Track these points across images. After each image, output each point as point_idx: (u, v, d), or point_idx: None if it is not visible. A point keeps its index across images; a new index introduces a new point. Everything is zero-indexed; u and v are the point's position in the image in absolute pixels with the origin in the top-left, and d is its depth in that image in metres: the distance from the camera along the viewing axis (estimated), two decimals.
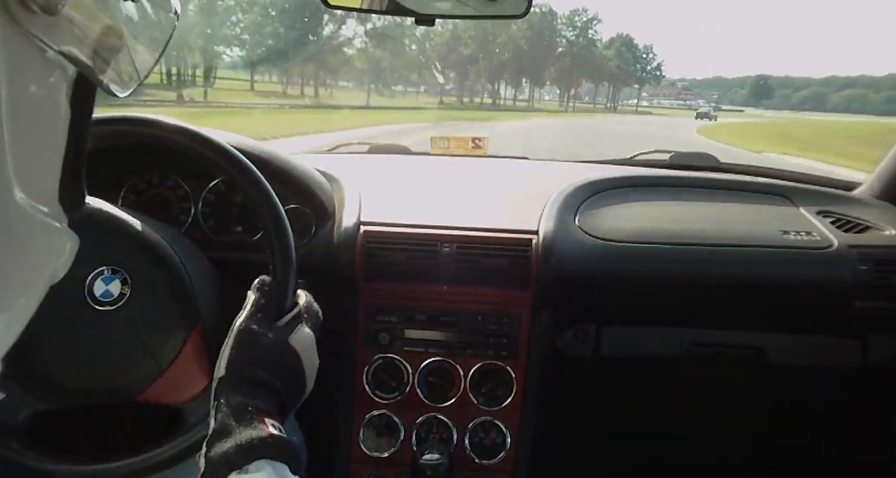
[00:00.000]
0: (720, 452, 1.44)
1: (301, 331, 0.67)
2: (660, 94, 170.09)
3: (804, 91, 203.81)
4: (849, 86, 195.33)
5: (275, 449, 0.54)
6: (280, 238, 0.72)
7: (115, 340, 0.72)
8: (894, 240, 1.08)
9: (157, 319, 0.73)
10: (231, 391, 0.59)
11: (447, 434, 1.07)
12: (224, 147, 0.75)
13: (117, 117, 0.75)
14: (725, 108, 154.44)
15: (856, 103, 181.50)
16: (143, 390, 0.73)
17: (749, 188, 1.26)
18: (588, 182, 1.21)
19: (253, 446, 0.53)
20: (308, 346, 0.67)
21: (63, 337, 0.71)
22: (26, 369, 0.71)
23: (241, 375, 0.60)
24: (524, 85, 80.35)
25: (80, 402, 0.74)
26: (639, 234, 1.08)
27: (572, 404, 1.30)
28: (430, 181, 1.33)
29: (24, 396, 0.72)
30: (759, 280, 1.05)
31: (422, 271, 1.04)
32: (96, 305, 0.71)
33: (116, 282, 0.72)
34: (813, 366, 1.16)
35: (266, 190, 0.74)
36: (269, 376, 0.61)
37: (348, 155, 1.62)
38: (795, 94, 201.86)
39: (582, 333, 1.13)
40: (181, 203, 1.07)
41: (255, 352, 0.62)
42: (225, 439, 0.54)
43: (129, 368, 0.72)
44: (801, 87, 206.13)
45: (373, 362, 1.08)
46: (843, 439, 1.39)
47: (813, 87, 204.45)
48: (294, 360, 0.65)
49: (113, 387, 0.73)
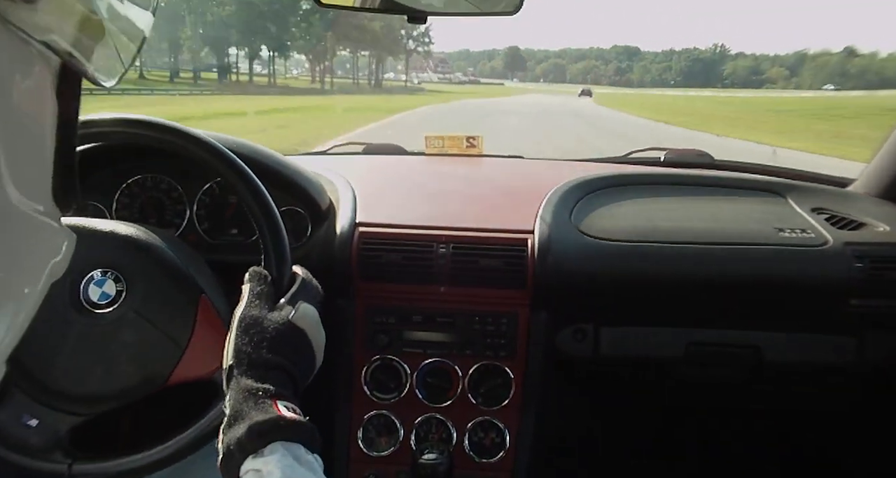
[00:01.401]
0: (719, 451, 1.44)
1: (302, 308, 0.68)
2: (418, 67, 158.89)
3: (545, 63, 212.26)
4: (580, 58, 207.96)
5: (288, 431, 0.55)
6: (272, 230, 0.73)
7: (129, 336, 0.73)
8: (889, 237, 1.08)
9: (161, 302, 0.74)
10: (241, 377, 0.59)
11: (446, 434, 1.07)
12: (218, 148, 0.75)
13: (110, 119, 0.75)
14: (484, 80, 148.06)
15: (591, 74, 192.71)
16: (172, 373, 0.73)
17: (743, 186, 1.26)
18: (583, 181, 1.21)
19: (265, 430, 0.54)
20: (312, 321, 0.68)
21: (78, 351, 0.72)
22: (56, 392, 0.72)
23: (250, 360, 0.61)
24: (263, 54, 60.63)
25: (115, 405, 0.74)
26: (634, 232, 1.08)
27: (571, 403, 1.31)
28: (425, 181, 1.33)
29: (58, 415, 0.73)
30: (755, 278, 1.05)
31: (418, 272, 1.04)
32: (97, 309, 0.72)
33: (109, 282, 0.73)
34: (810, 364, 1.16)
35: (259, 189, 0.74)
36: (278, 356, 0.62)
37: (343, 155, 1.62)
38: (539, 66, 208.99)
39: (580, 332, 1.12)
40: (176, 206, 1.06)
41: (261, 336, 0.63)
42: (238, 425, 0.55)
43: (152, 357, 0.73)
44: (542, 60, 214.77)
45: (371, 362, 1.08)
46: (841, 437, 1.39)
47: (552, 59, 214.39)
48: (300, 337, 0.66)
49: (142, 380, 0.73)
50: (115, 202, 1.05)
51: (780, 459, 1.43)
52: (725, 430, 1.42)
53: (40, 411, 0.72)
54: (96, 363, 0.72)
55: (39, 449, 0.71)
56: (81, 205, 1.04)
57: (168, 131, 0.75)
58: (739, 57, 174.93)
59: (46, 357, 0.71)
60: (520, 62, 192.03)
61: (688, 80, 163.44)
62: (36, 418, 0.72)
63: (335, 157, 1.60)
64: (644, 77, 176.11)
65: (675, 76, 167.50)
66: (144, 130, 0.76)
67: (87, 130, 0.75)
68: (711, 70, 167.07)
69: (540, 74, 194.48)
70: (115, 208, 1.05)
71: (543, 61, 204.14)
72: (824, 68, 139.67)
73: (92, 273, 0.73)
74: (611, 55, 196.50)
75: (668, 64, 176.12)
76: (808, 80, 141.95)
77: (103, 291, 0.73)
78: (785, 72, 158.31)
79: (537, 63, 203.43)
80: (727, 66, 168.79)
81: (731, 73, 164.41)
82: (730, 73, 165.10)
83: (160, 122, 0.76)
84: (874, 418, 1.32)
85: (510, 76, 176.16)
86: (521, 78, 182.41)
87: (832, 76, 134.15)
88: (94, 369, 0.72)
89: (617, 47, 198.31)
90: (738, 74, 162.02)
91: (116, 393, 0.73)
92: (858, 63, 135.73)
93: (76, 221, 0.76)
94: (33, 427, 0.72)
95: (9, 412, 0.72)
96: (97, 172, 1.04)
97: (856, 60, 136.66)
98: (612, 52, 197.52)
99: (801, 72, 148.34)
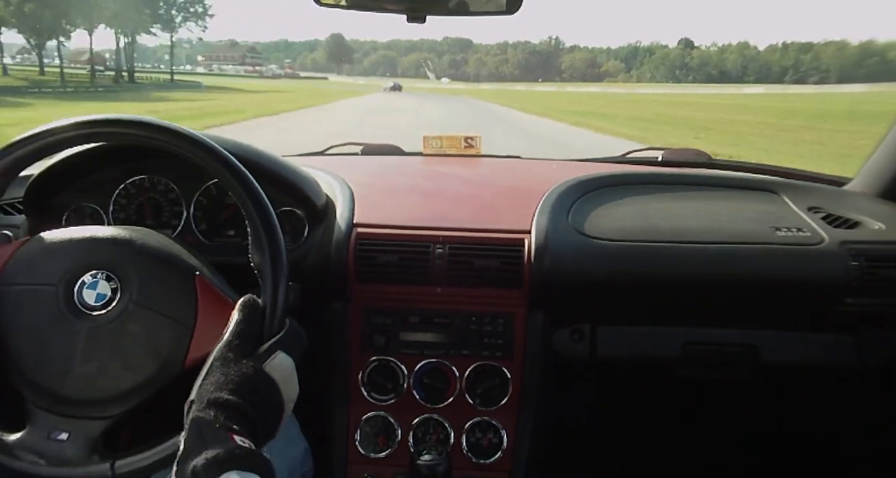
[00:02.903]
0: (716, 450, 1.44)
1: (278, 358, 0.67)
2: (220, 57, 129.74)
3: (374, 55, 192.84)
4: (412, 50, 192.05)
5: (243, 461, 0.54)
6: (274, 259, 0.71)
7: (137, 327, 0.72)
8: (884, 235, 1.09)
9: (158, 288, 0.74)
10: (199, 413, 0.59)
11: (444, 435, 1.08)
12: (214, 147, 0.75)
13: (103, 119, 0.74)
14: (304, 74, 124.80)
15: (421, 69, 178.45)
16: (187, 355, 0.73)
17: (740, 185, 1.26)
18: (580, 181, 1.20)
19: (220, 459, 0.53)
20: (286, 373, 0.67)
21: (91, 357, 0.71)
22: (80, 402, 0.72)
23: (209, 398, 0.60)
24: None
25: (140, 399, 0.74)
26: (631, 232, 1.08)
27: (568, 403, 1.31)
28: (422, 182, 1.33)
29: (87, 422, 0.72)
30: (751, 277, 1.05)
31: (415, 273, 1.04)
32: (97, 311, 0.72)
33: (102, 283, 0.73)
34: (807, 363, 1.16)
35: (257, 193, 0.73)
36: (240, 400, 0.61)
37: (340, 156, 1.61)
38: (366, 59, 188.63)
39: (577, 332, 1.12)
40: (173, 207, 1.06)
41: (226, 378, 0.62)
42: (194, 457, 0.54)
43: (164, 343, 0.73)
44: (370, 52, 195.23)
45: (368, 364, 1.08)
46: (838, 435, 1.39)
47: (381, 51, 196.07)
48: (269, 387, 0.65)
49: (160, 368, 0.73)
50: (111, 204, 1.05)
51: (778, 457, 1.43)
52: (723, 429, 1.43)
53: (69, 424, 0.72)
54: (112, 362, 0.72)
55: (79, 459, 0.71)
56: (78, 207, 1.04)
57: (164, 132, 0.74)
58: (576, 50, 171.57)
59: (62, 372, 0.71)
60: (346, 53, 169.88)
61: (525, 74, 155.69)
62: (66, 431, 0.72)
63: (333, 157, 1.59)
64: (480, 70, 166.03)
65: (513, 69, 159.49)
66: (137, 129, 0.74)
67: (80, 131, 0.74)
68: (549, 63, 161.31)
69: (369, 67, 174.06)
70: (111, 210, 1.05)
71: (372, 53, 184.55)
72: (665, 61, 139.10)
73: (82, 278, 0.73)
74: (443, 47, 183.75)
75: (503, 57, 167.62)
76: (648, 73, 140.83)
77: (98, 292, 0.72)
78: (621, 65, 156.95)
79: (364, 55, 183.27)
80: (564, 58, 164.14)
81: (570, 67, 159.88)
82: (568, 66, 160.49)
83: (155, 122, 0.75)
84: (871, 415, 1.31)
85: (336, 69, 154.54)
86: (347, 71, 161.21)
87: (672, 70, 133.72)
88: (111, 369, 0.72)
89: (448, 39, 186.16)
90: (576, 67, 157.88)
91: (139, 386, 0.72)
92: (697, 56, 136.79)
93: (54, 234, 0.76)
94: (65, 441, 0.71)
95: (37, 434, 0.72)
96: (93, 173, 1.03)
97: (694, 53, 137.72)
98: (444, 43, 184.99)
99: (640, 65, 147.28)
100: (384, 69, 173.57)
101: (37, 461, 0.71)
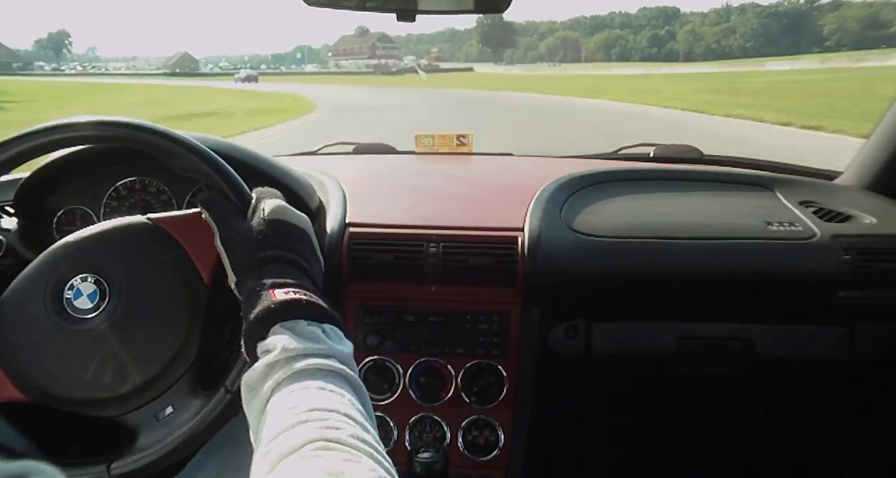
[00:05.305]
0: (713, 445, 1.44)
1: (268, 203, 0.68)
2: (348, 51, 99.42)
3: (550, 37, 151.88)
4: (600, 28, 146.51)
5: (283, 312, 0.58)
6: (214, 167, 0.71)
7: (144, 306, 0.71)
8: (876, 229, 1.10)
9: (144, 266, 0.71)
10: (242, 285, 0.63)
11: (441, 433, 1.08)
12: (196, 145, 0.73)
13: (84, 122, 0.72)
14: (444, 66, 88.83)
15: (616, 48, 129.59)
16: (200, 274, 0.72)
17: (732, 180, 1.27)
18: (572, 178, 1.21)
19: (262, 316, 0.58)
20: (286, 210, 0.69)
21: (106, 358, 0.69)
22: (106, 401, 0.70)
23: (246, 265, 0.63)
24: None
25: (170, 383, 0.71)
26: (624, 228, 1.08)
27: (564, 400, 1.32)
28: (414, 180, 1.34)
29: (116, 422, 0.71)
30: (744, 272, 1.06)
31: (409, 272, 1.05)
32: (89, 314, 0.70)
33: (89, 285, 0.70)
34: (801, 357, 1.18)
35: (203, 150, 0.72)
36: (268, 251, 0.63)
37: (332, 155, 1.62)
38: (542, 42, 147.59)
39: (572, 329, 1.13)
40: (165, 208, 1.06)
41: (246, 244, 0.64)
42: (247, 321, 0.59)
43: (179, 279, 0.71)
44: (546, 33, 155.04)
45: (363, 364, 1.09)
46: (834, 428, 1.40)
47: (560, 32, 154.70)
48: (282, 226, 0.67)
49: (174, 355, 0.71)
50: (102, 206, 1.05)
51: (774, 450, 1.44)
52: (719, 423, 1.43)
53: (89, 424, 0.70)
54: (126, 362, 0.69)
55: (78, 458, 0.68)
56: (69, 209, 1.04)
57: (153, 132, 0.72)
58: (845, 5, 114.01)
59: (80, 385, 0.68)
60: (507, 36, 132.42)
61: (762, 46, 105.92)
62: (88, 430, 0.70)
63: (325, 157, 1.60)
64: (694, 47, 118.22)
65: (744, 42, 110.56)
66: (115, 130, 0.72)
67: (64, 134, 0.72)
68: (800, 27, 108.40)
69: (544, 52, 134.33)
70: (102, 212, 1.04)
71: (548, 35, 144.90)
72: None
73: (64, 290, 0.69)
74: (640, 20, 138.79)
75: (726, 26, 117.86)
76: None
77: (86, 295, 0.69)
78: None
79: (541, 38, 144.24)
80: (826, 19, 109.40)
81: (838, 29, 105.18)
82: (835, 28, 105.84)
83: (145, 123, 0.73)
84: (866, 408, 1.33)
85: (492, 57, 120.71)
86: (508, 58, 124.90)
87: None
88: (125, 370, 0.69)
89: (647, 10, 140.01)
90: (847, 29, 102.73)
91: (171, 359, 0.70)
92: None
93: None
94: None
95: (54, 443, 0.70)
96: (84, 175, 1.03)
97: None
98: (641, 16, 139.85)
99: None
100: (565, 53, 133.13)
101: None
